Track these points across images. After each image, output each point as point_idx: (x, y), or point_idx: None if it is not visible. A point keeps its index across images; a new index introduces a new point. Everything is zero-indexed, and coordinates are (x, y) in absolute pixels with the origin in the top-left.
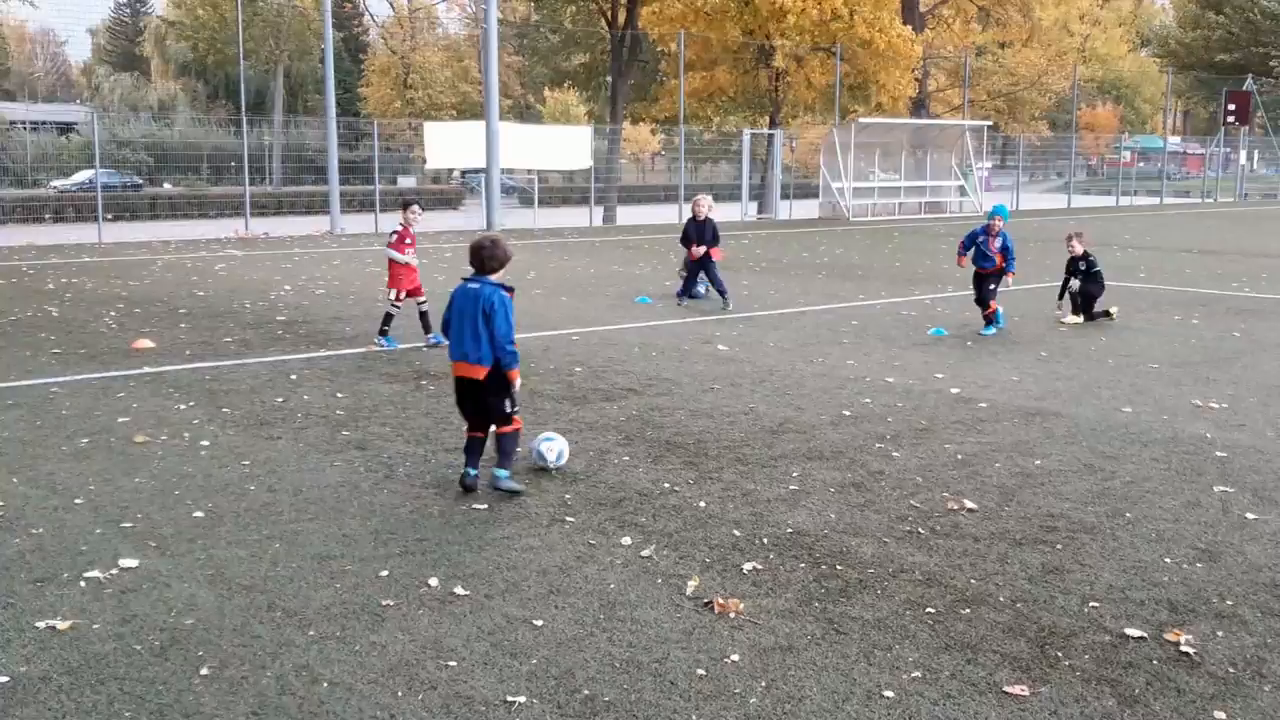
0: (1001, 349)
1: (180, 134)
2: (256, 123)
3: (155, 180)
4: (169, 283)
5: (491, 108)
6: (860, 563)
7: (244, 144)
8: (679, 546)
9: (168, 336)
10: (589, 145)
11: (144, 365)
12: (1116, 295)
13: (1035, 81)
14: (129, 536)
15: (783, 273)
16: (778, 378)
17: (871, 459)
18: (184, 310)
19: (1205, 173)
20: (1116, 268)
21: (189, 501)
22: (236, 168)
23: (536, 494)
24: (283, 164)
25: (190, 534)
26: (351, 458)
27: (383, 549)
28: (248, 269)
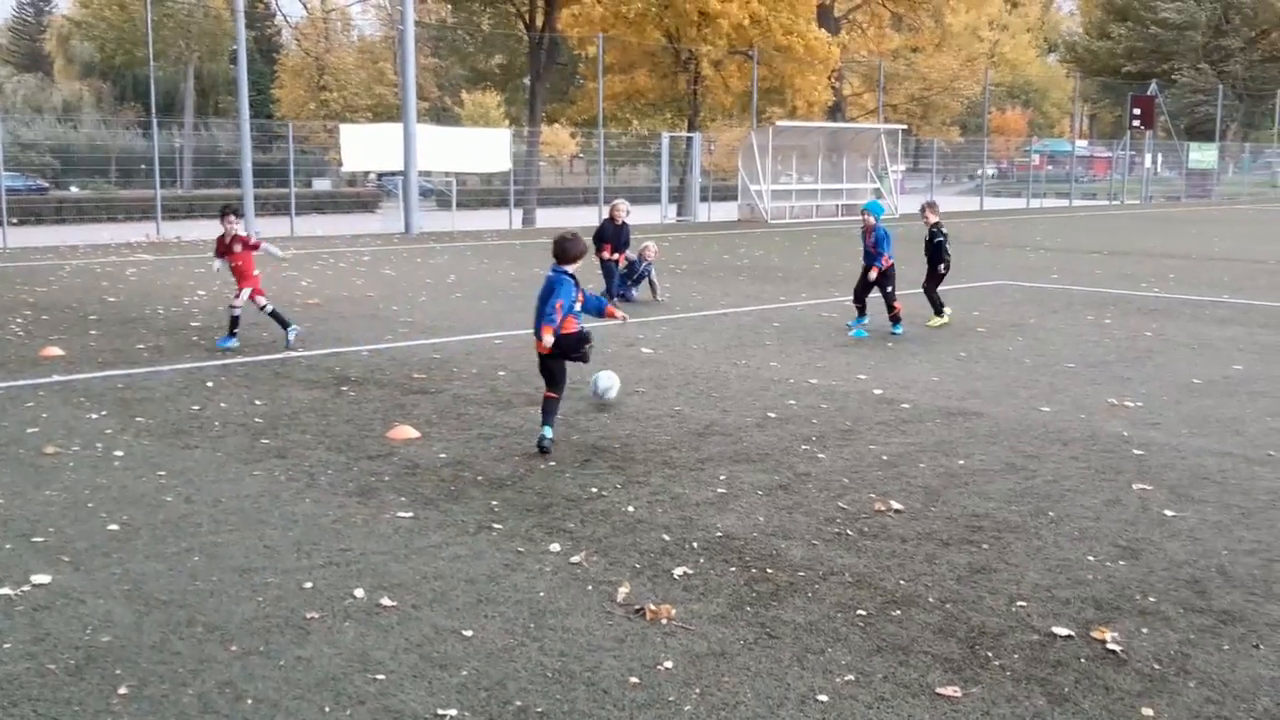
0: (921, 350)
1: (87, 136)
2: (167, 125)
3: (61, 184)
4: (78, 289)
5: (409, 109)
6: (790, 565)
7: (154, 146)
8: (608, 552)
9: (78, 344)
10: (508, 148)
11: (53, 374)
12: (1033, 296)
13: (947, 86)
14: (40, 552)
15: (704, 274)
16: (702, 380)
17: (798, 461)
18: (94, 317)
19: (1112, 175)
20: (1029, 269)
21: (103, 514)
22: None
23: (462, 501)
24: (194, 167)
25: (105, 548)
26: (271, 466)
27: (306, 560)
28: (160, 274)
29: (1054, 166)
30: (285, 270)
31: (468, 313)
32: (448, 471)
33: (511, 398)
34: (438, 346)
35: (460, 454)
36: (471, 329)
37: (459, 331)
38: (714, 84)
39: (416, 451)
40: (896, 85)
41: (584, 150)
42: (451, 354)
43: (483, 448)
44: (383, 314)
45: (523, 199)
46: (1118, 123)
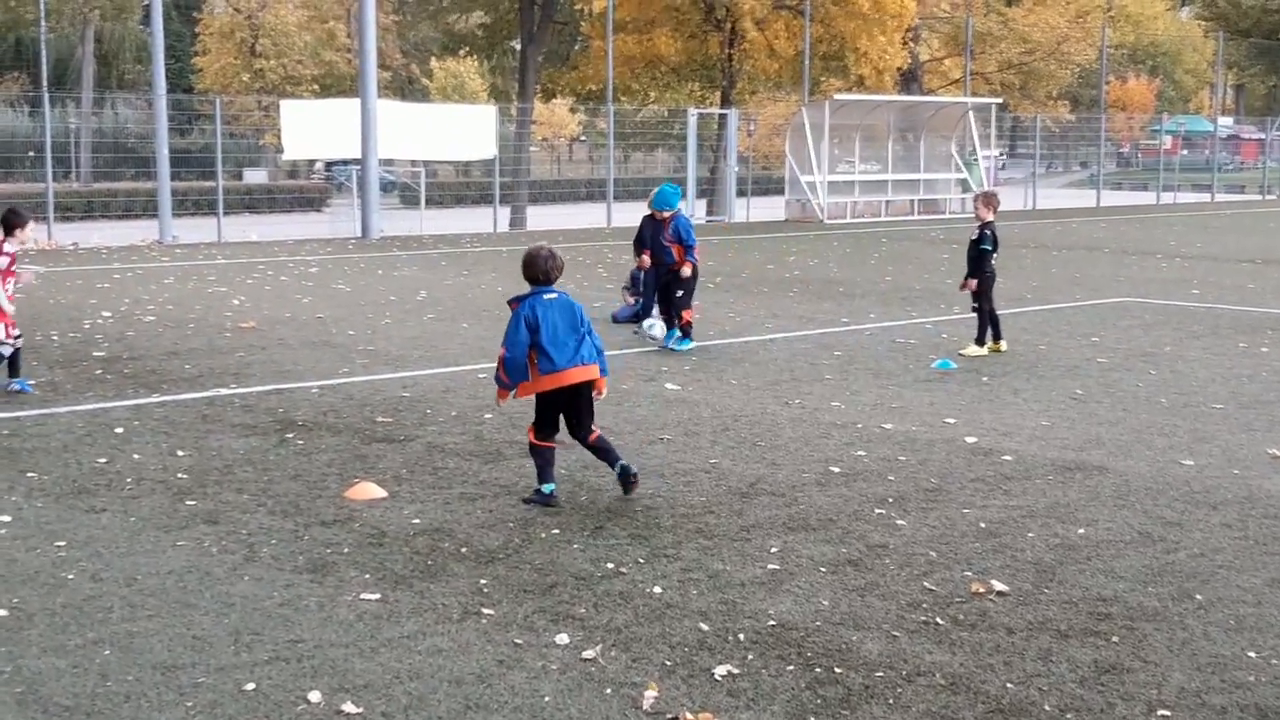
0: (1026, 386)
1: None
2: (59, 101)
3: None
4: None
5: (367, 81)
6: (865, 664)
7: (46, 128)
8: (631, 646)
9: None
10: (494, 129)
11: None
12: (1168, 316)
13: (1053, 50)
14: None
15: (743, 290)
16: (744, 425)
17: (871, 529)
18: None
19: (1265, 162)
20: (1162, 282)
21: None
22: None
23: (442, 579)
24: (94, 154)
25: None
26: (200, 535)
27: (246, 654)
28: (53, 290)
29: (1190, 151)
30: (214, 285)
31: (443, 339)
32: (423, 541)
33: (501, 447)
34: (407, 382)
35: (438, 519)
36: (448, 359)
37: (433, 363)
38: (755, 47)
39: (383, 515)
40: (988, 48)
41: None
42: (424, 391)
43: (466, 511)
44: (336, 341)
45: (510, 194)
46: (1271, 95)
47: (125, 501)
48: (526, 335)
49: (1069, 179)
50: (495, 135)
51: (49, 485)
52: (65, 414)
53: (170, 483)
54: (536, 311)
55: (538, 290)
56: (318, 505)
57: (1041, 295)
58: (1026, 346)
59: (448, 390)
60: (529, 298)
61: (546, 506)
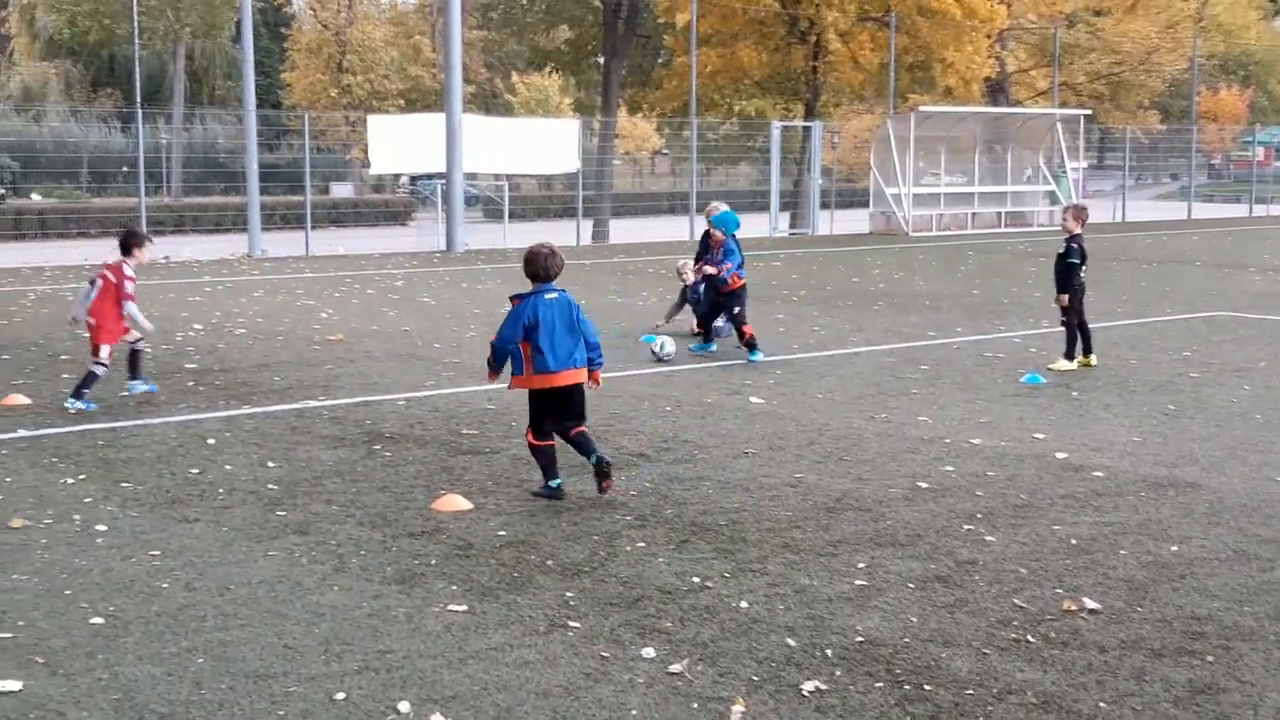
0: (1117, 401)
1: (53, 131)
2: (151, 117)
3: (20, 190)
4: (45, 321)
5: (453, 96)
6: (954, 681)
7: (139, 143)
8: (717, 660)
9: (47, 390)
10: (577, 143)
11: (18, 427)
12: (1262, 331)
13: (1143, 60)
14: (8, 650)
15: (827, 303)
16: (830, 439)
17: (960, 545)
18: (66, 356)
19: None
20: (1256, 296)
21: (84, 604)
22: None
23: (528, 592)
24: (185, 169)
25: (88, 647)
26: (290, 545)
27: (336, 664)
28: (145, 303)
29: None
30: (301, 299)
31: None
32: (508, 553)
33: (584, 460)
34: (492, 394)
35: (523, 531)
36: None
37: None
38: (840, 59)
39: (469, 527)
40: (1077, 59)
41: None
42: (509, 404)
43: (551, 523)
44: (422, 353)
45: (594, 207)
46: None
47: (218, 511)
48: (520, 332)
49: (1158, 191)
50: (579, 149)
51: (144, 495)
52: (159, 425)
53: (261, 493)
54: (538, 311)
55: (540, 289)
56: (405, 517)
57: (1132, 309)
58: (1117, 361)
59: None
60: (531, 296)
61: (553, 499)
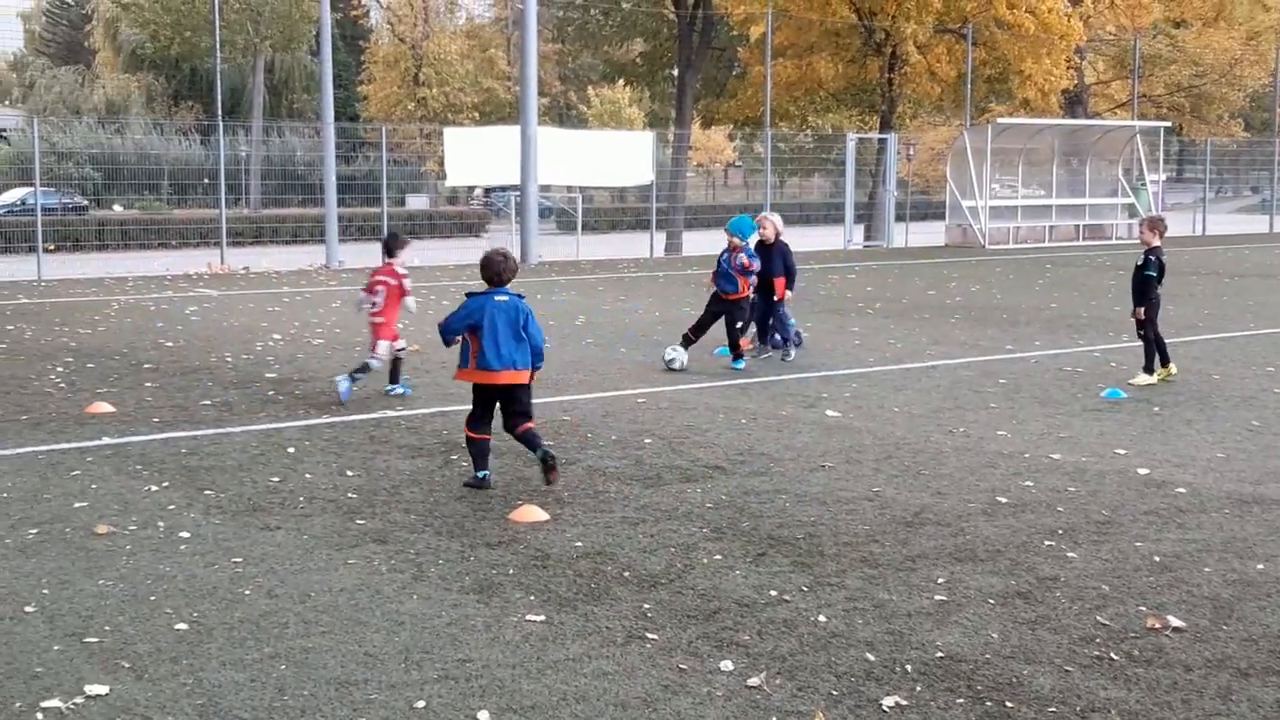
0: (1199, 417)
1: (135, 143)
2: (231, 129)
3: (103, 201)
4: (128, 330)
5: (528, 108)
6: (1037, 698)
7: (220, 155)
8: (796, 674)
9: (130, 398)
10: (651, 155)
11: (103, 435)
12: None
13: (1225, 72)
14: (95, 655)
15: (903, 316)
16: (907, 453)
17: (1041, 561)
18: (149, 365)
19: None
20: None
21: (168, 610)
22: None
23: (605, 603)
24: (263, 181)
25: (172, 652)
26: (370, 554)
27: (416, 672)
28: (226, 313)
29: None
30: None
31: (602, 364)
32: (585, 564)
33: (661, 472)
34: (566, 405)
35: (600, 542)
36: (607, 384)
37: (592, 387)
38: (916, 70)
39: (546, 538)
40: (1157, 70)
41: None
42: (584, 415)
43: (628, 535)
44: None
45: (666, 219)
46: None
47: (298, 520)
48: (463, 325)
49: (1239, 204)
50: (652, 161)
51: (225, 503)
52: (240, 434)
53: (340, 502)
54: (486, 310)
55: (492, 291)
56: (483, 526)
57: (1214, 323)
58: (1199, 376)
59: (607, 414)
60: (483, 295)
61: (480, 488)
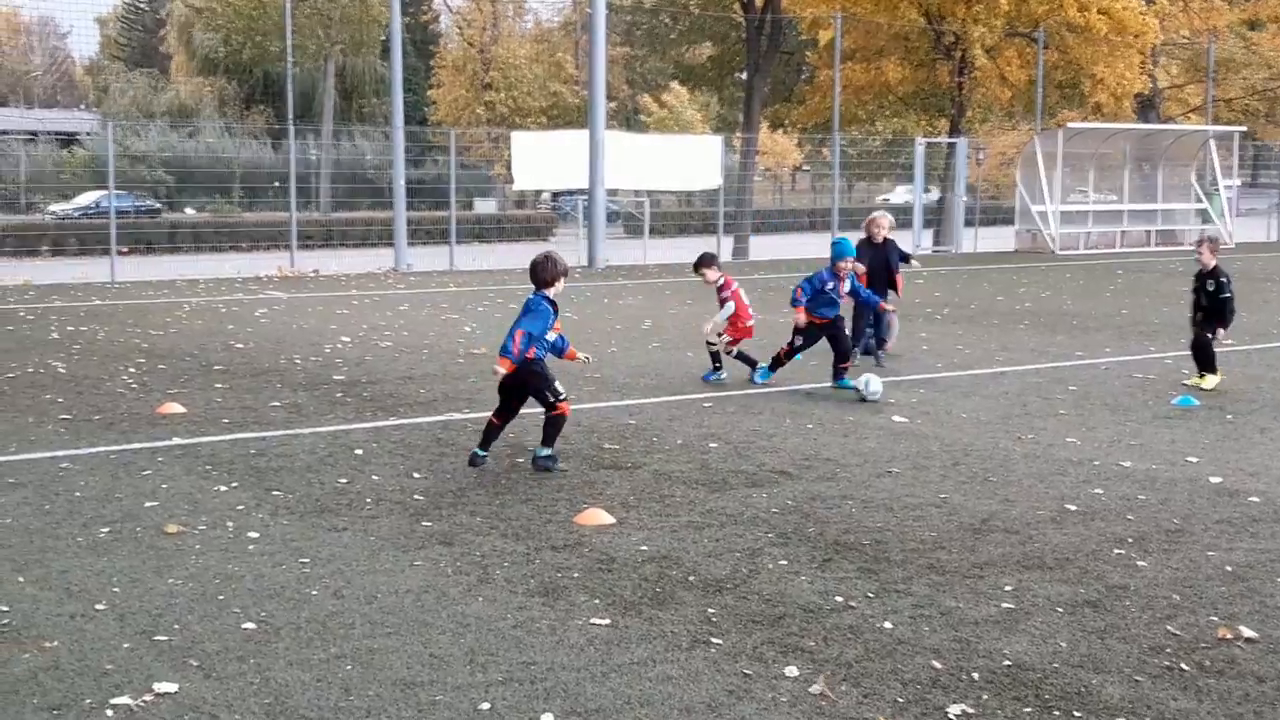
0: (1274, 425)
1: (207, 146)
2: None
3: (176, 204)
4: (199, 332)
5: (596, 112)
6: (1106, 708)
7: (290, 159)
8: (861, 681)
9: (201, 399)
10: (719, 159)
11: (173, 435)
12: None
13: None
14: (164, 653)
15: (972, 321)
16: (975, 459)
17: (1110, 569)
18: (219, 367)
19: None
20: None
21: (236, 609)
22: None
23: (670, 607)
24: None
25: (240, 651)
26: (436, 555)
27: (481, 674)
28: (295, 315)
29: None
30: (446, 312)
31: (669, 368)
32: (651, 568)
33: (727, 476)
34: (633, 410)
35: (665, 546)
36: (674, 388)
37: (658, 391)
38: (986, 75)
39: (611, 541)
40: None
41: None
42: (650, 419)
43: (693, 539)
44: (564, 368)
45: (734, 223)
46: None
47: (365, 521)
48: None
49: None
50: (720, 165)
51: (293, 504)
52: (308, 435)
53: (407, 504)
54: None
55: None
56: (548, 530)
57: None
58: (1273, 384)
59: (673, 419)
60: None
61: (471, 466)
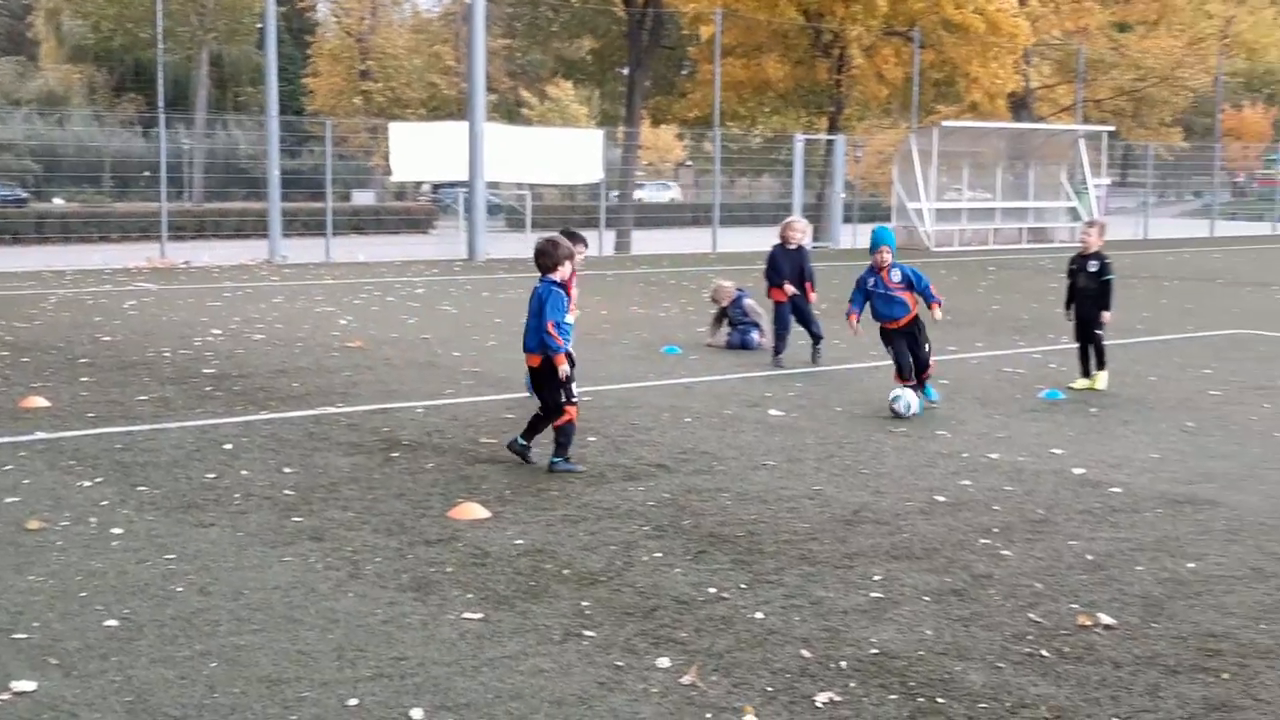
0: (1136, 418)
1: (76, 135)
2: (174, 122)
3: (43, 193)
4: (65, 324)
5: (476, 104)
6: (968, 694)
7: (161, 148)
8: (732, 671)
9: (66, 393)
10: (600, 153)
11: (36, 429)
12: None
13: (1167, 76)
14: (23, 651)
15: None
16: (849, 452)
17: (976, 559)
18: (85, 360)
19: None
20: (1278, 314)
21: (99, 606)
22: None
23: (544, 600)
24: (206, 174)
25: (102, 649)
26: (306, 551)
27: (349, 670)
28: (165, 307)
29: None
30: (321, 304)
31: None
32: (525, 562)
33: (605, 470)
34: (511, 404)
35: (540, 540)
36: None
37: None
38: (864, 73)
39: (485, 536)
40: (1101, 75)
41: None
42: (528, 414)
43: (569, 533)
44: (441, 362)
45: (616, 218)
46: None
47: (233, 517)
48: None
49: (1181, 209)
50: (602, 159)
51: (160, 499)
52: (176, 430)
53: (277, 499)
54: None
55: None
56: (422, 524)
57: (1152, 326)
58: (1137, 378)
59: None
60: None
61: (509, 450)
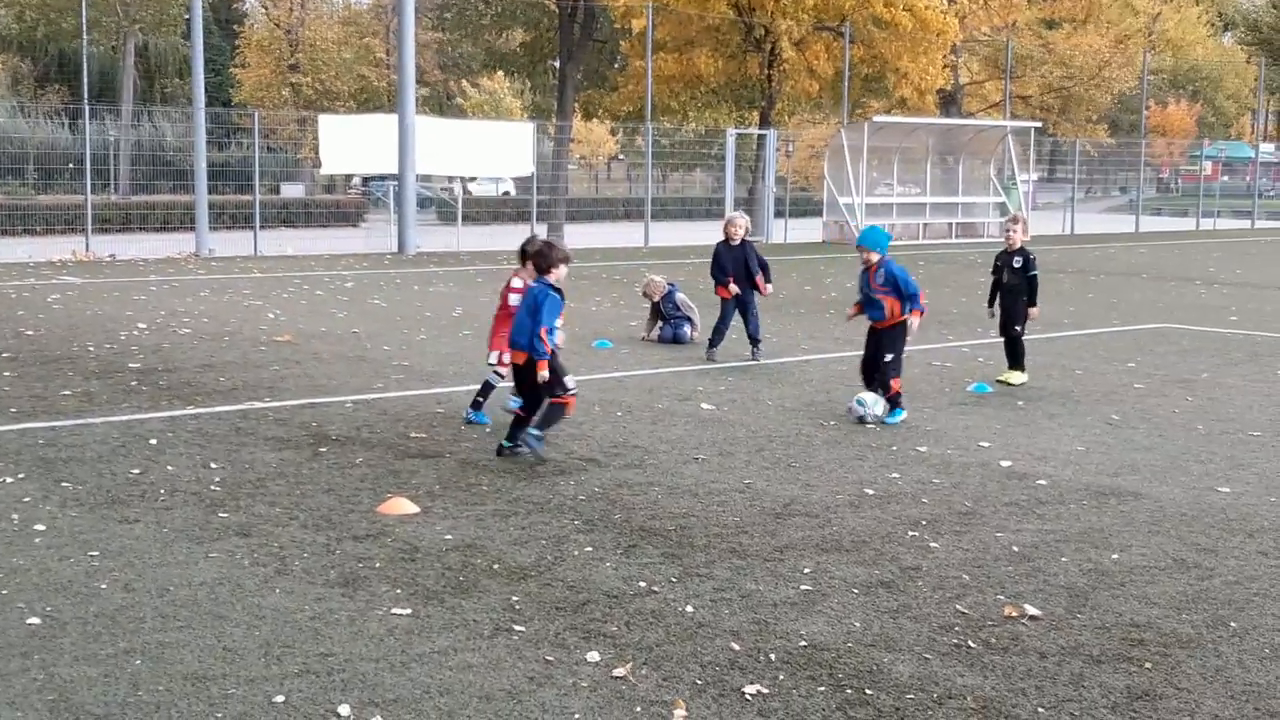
0: (1061, 411)
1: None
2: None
3: None
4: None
5: (405, 96)
6: (895, 685)
7: (86, 140)
8: (661, 664)
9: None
10: (531, 146)
11: None
12: (1207, 343)
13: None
14: None
15: (780, 311)
16: (779, 445)
17: (904, 551)
18: (8, 354)
19: None
20: (1200, 309)
21: (20, 604)
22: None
23: (474, 595)
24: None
25: (23, 647)
26: (232, 547)
27: (276, 666)
28: (90, 301)
29: (1231, 177)
30: (249, 299)
31: (478, 356)
32: (455, 557)
33: (535, 464)
34: (441, 398)
35: (470, 535)
36: (483, 376)
37: (468, 379)
38: (795, 68)
39: (415, 531)
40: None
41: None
42: (459, 407)
43: (499, 527)
44: (371, 356)
45: (548, 211)
46: None
47: (158, 512)
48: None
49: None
50: (533, 153)
51: (83, 495)
52: (100, 425)
53: (203, 495)
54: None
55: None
56: (350, 520)
57: (1078, 320)
58: (1063, 372)
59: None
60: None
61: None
